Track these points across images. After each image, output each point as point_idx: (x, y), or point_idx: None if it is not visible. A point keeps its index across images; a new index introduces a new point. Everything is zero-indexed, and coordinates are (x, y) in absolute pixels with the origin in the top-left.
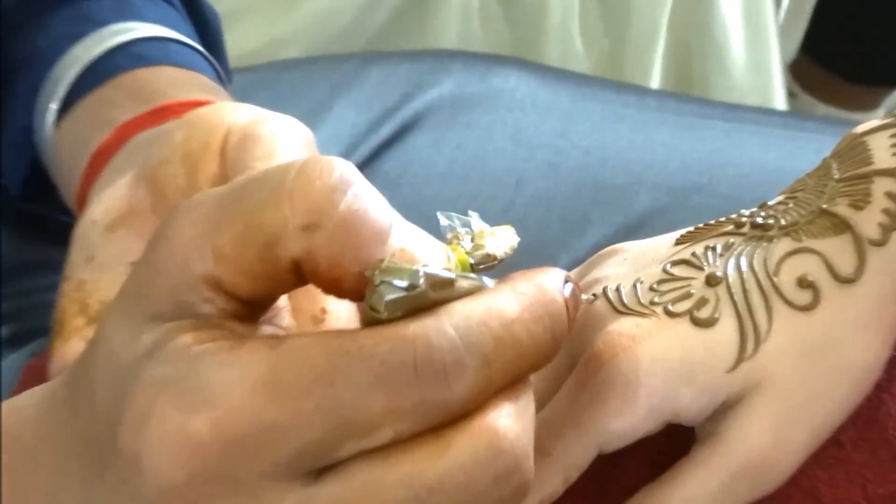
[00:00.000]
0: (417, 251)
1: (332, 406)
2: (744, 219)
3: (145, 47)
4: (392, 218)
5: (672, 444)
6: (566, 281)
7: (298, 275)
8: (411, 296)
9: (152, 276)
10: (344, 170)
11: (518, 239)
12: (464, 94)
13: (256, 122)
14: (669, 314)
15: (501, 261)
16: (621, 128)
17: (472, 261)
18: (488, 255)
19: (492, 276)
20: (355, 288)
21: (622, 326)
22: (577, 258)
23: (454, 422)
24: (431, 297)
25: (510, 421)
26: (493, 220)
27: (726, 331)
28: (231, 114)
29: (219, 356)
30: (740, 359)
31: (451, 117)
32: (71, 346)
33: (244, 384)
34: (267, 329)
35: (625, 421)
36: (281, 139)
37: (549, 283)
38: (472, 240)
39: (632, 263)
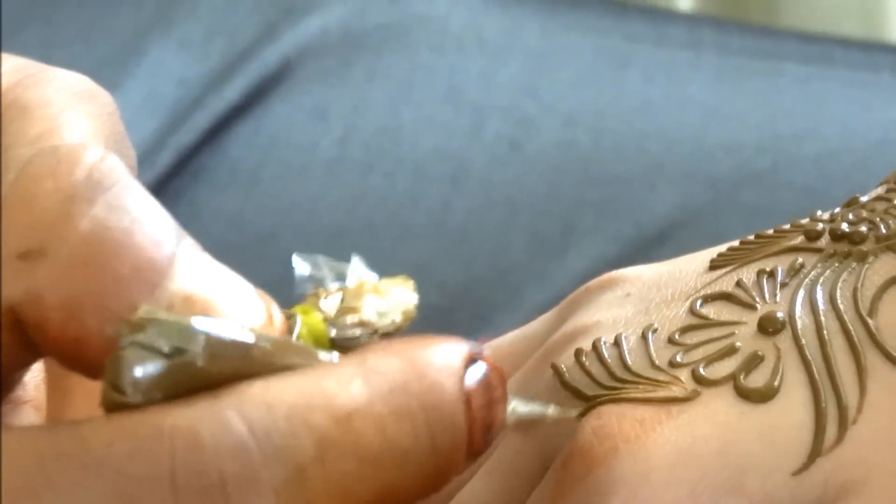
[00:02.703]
0: (216, 301)
1: None
2: (820, 225)
3: None
4: (174, 243)
5: None
6: (472, 360)
7: (23, 337)
8: (176, 367)
9: None
10: (95, 164)
11: (415, 300)
12: (362, 26)
13: (23, 83)
14: (701, 382)
15: (387, 336)
16: (627, 78)
17: (332, 333)
18: (362, 325)
19: None
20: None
21: (624, 406)
22: (554, 293)
23: None
24: (212, 371)
25: None
26: (415, 239)
27: (794, 407)
28: None
29: None
30: (816, 452)
31: (342, 65)
32: None
33: None
34: None
35: None
36: (62, 110)
37: (435, 360)
38: (343, 299)
39: (639, 301)
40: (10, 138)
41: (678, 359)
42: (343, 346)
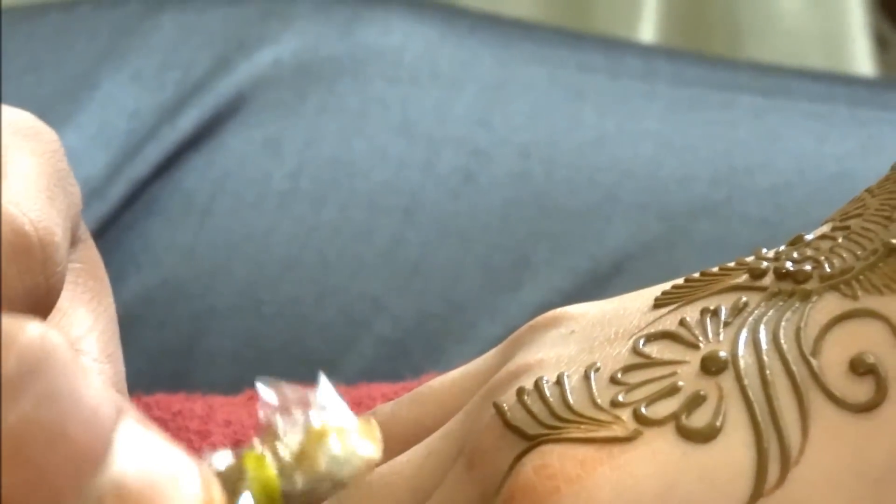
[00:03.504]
0: (150, 493)
1: None
2: (764, 263)
3: None
4: (111, 426)
5: None
6: None
7: None
8: None
9: None
10: (30, 346)
11: (378, 452)
12: (315, 58)
13: None
14: (643, 422)
15: (340, 486)
16: (582, 109)
17: (285, 486)
18: (317, 476)
19: None
20: None
21: (566, 445)
22: (508, 326)
23: None
24: None
25: None
26: (368, 272)
27: (735, 448)
28: None
29: None
30: (758, 493)
31: (295, 97)
32: None
33: None
34: None
35: None
36: (5, 148)
37: None
38: (301, 443)
39: (583, 340)
40: None
41: (620, 398)
42: (295, 496)
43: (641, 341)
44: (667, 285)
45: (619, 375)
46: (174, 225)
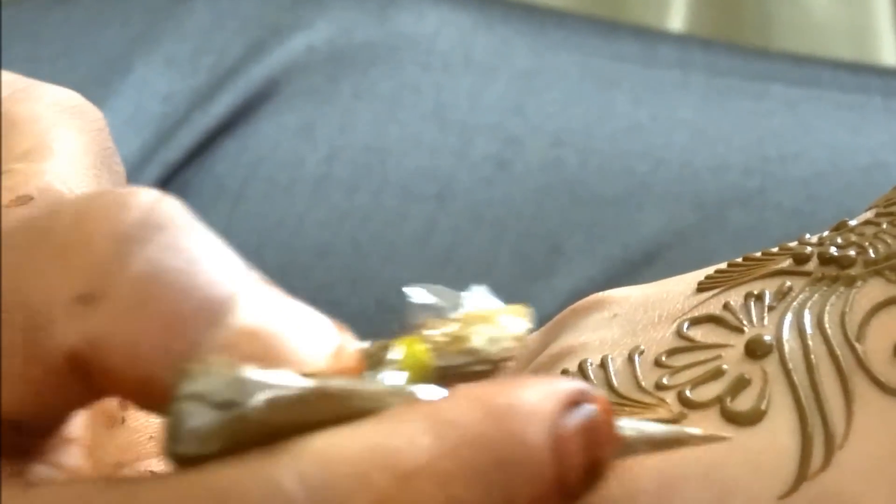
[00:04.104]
0: (282, 336)
1: None
2: (809, 248)
3: None
4: (237, 280)
5: None
6: (575, 402)
7: (86, 378)
8: (230, 420)
9: None
10: (151, 205)
11: (528, 327)
12: (350, 44)
13: (13, 98)
14: (688, 404)
15: (496, 364)
16: (616, 98)
17: (437, 362)
18: (471, 353)
19: None
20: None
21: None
22: (540, 314)
23: None
24: (269, 422)
25: None
26: (400, 258)
27: (780, 431)
28: None
29: None
30: (802, 477)
31: (329, 83)
32: None
33: None
34: (41, 471)
35: None
36: (52, 126)
37: (520, 407)
38: (454, 330)
39: (626, 323)
40: None
41: (664, 381)
42: (450, 375)
43: (686, 325)
44: (709, 270)
45: (664, 358)
46: (206, 210)
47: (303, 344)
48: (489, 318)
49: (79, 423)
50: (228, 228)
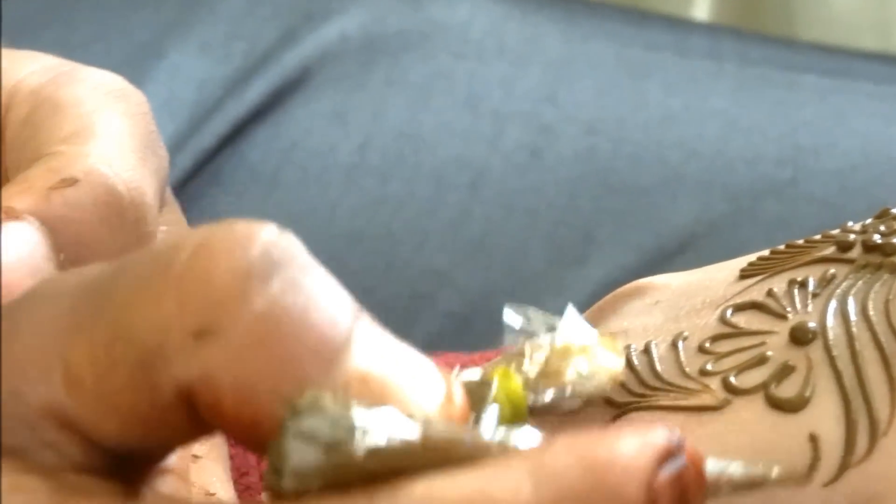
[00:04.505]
0: (392, 381)
1: None
2: (852, 236)
3: None
4: (351, 321)
5: None
6: (669, 455)
7: (194, 414)
8: (334, 459)
9: None
10: (271, 241)
11: (621, 364)
12: (383, 31)
13: (57, 81)
14: (732, 391)
15: (587, 401)
16: (648, 87)
17: (531, 399)
18: (564, 388)
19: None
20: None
21: (655, 413)
22: (573, 302)
23: None
24: (372, 465)
25: None
26: (433, 246)
27: (824, 418)
28: (15, 65)
29: None
30: (846, 464)
31: (362, 70)
32: None
33: None
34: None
35: None
36: (95, 109)
37: (619, 461)
38: (547, 360)
39: (669, 309)
40: (44, 136)
41: (708, 367)
42: (542, 410)
43: (729, 311)
44: (752, 257)
45: (708, 345)
46: (239, 196)
47: (414, 390)
48: (584, 351)
49: (175, 456)
50: (261, 215)
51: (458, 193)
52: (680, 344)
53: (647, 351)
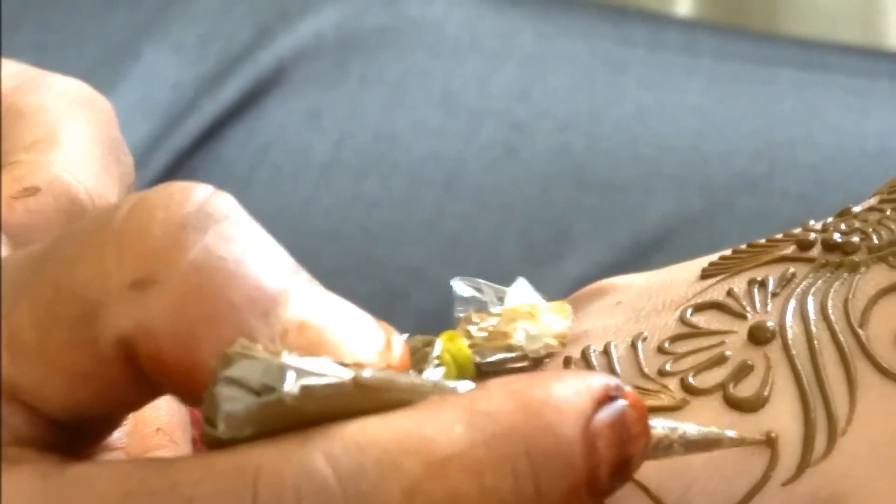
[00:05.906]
0: (330, 329)
1: None
2: (812, 235)
3: None
4: (288, 275)
5: None
6: (607, 397)
7: (135, 370)
8: (266, 405)
9: None
10: (206, 198)
11: (568, 324)
12: (358, 29)
13: (21, 89)
14: (690, 391)
15: (536, 361)
16: (623, 83)
17: (477, 359)
18: (511, 349)
19: None
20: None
21: None
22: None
23: None
24: (305, 409)
25: None
26: (409, 243)
27: (783, 418)
28: None
29: None
30: (805, 463)
31: (337, 69)
32: None
33: None
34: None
35: None
36: (60, 116)
37: (554, 400)
38: (496, 325)
39: (630, 310)
40: (7, 144)
41: (667, 367)
42: (490, 372)
43: (689, 311)
44: (714, 256)
45: (667, 345)
46: None
47: (351, 339)
48: (530, 315)
49: (123, 434)
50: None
51: (433, 191)
52: (639, 344)
53: (606, 352)
